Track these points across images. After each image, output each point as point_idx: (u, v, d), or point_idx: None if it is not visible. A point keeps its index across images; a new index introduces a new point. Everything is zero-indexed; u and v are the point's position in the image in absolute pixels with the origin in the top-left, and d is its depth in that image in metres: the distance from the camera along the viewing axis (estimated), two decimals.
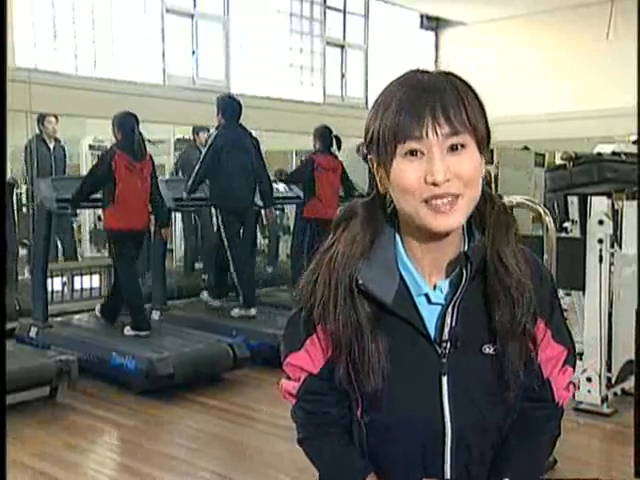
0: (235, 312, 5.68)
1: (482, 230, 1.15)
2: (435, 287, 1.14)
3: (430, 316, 1.14)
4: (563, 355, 1.22)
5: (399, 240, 1.15)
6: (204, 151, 5.80)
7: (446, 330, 1.13)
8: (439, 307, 1.14)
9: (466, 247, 1.15)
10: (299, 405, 1.24)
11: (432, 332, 1.14)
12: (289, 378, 1.24)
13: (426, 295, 1.14)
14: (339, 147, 6.73)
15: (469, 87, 1.10)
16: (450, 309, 1.13)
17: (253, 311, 5.67)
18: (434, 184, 1.04)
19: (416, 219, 1.08)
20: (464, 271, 1.12)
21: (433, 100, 1.05)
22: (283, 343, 1.25)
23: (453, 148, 1.06)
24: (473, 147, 1.07)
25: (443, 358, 1.14)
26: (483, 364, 1.14)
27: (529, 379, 1.16)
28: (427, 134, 1.04)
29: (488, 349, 1.14)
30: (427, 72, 1.11)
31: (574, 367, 1.25)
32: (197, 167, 5.74)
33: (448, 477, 1.15)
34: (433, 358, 1.14)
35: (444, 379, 1.14)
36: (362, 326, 1.12)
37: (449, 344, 1.13)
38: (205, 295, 6.07)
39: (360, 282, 1.12)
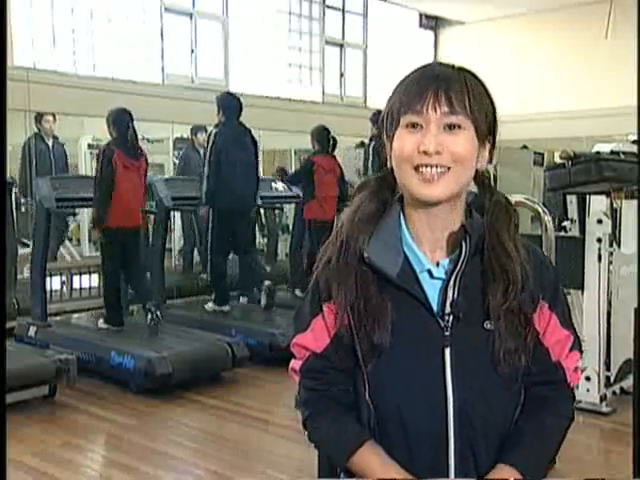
0: (209, 306, 5.90)
1: (482, 215, 1.21)
2: (438, 264, 1.19)
3: (432, 290, 1.19)
4: (570, 340, 1.25)
5: (403, 221, 1.21)
6: (207, 153, 5.67)
7: (448, 303, 1.17)
8: (441, 282, 1.19)
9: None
10: (302, 383, 1.28)
11: (435, 305, 1.18)
12: (295, 357, 1.28)
13: (428, 271, 1.19)
14: (334, 147, 6.65)
15: (481, 83, 1.17)
16: (452, 282, 1.17)
17: (227, 307, 5.89)
18: (425, 153, 1.12)
19: (408, 187, 1.16)
20: (464, 245, 1.17)
21: (438, 84, 1.14)
22: (294, 324, 1.30)
23: (450, 127, 1.13)
24: (471, 132, 1.15)
25: (446, 331, 1.17)
26: (485, 339, 1.17)
27: (532, 360, 1.19)
28: (427, 109, 1.13)
29: (489, 324, 1.17)
30: (444, 64, 1.20)
31: (581, 353, 1.28)
32: (206, 171, 5.62)
33: (452, 453, 1.17)
34: (436, 331, 1.17)
35: (447, 351, 1.17)
36: (369, 290, 1.17)
37: (451, 317, 1.17)
38: (210, 305, 5.91)
39: (366, 255, 1.17)
